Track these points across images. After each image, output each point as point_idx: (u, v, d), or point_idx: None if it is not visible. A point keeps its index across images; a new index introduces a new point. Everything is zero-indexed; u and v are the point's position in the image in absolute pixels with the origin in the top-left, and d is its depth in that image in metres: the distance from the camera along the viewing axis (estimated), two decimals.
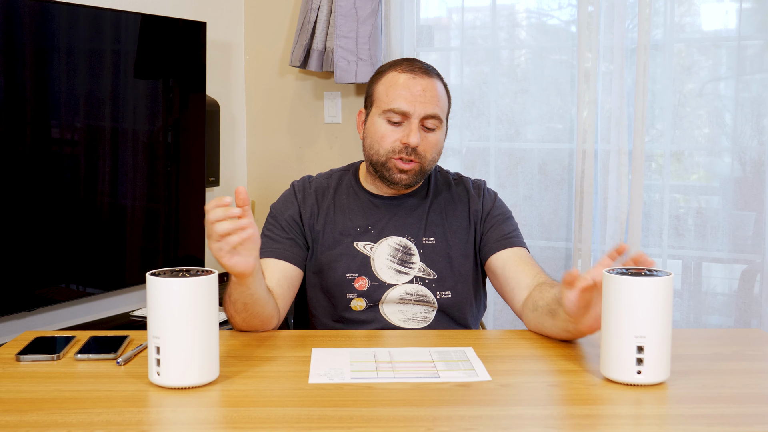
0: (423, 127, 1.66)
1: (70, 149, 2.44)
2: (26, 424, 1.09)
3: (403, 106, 1.64)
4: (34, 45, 2.29)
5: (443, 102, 1.70)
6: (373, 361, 1.36)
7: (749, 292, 2.58)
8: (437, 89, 1.68)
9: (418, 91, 1.65)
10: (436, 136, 1.69)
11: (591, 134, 2.68)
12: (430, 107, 1.65)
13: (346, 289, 1.68)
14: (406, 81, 1.66)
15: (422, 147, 1.66)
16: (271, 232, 1.72)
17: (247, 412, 1.13)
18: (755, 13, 2.55)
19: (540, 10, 2.92)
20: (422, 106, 1.64)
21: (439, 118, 1.67)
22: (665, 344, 1.24)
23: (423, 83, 1.66)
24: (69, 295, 2.52)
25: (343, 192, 1.77)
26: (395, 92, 1.66)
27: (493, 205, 1.78)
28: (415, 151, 1.65)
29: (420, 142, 1.65)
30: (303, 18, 2.97)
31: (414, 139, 1.63)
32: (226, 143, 3.19)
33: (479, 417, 1.13)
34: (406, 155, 1.65)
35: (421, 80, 1.66)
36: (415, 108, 1.64)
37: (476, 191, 1.79)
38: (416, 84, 1.66)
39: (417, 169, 1.67)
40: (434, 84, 1.68)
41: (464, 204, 1.77)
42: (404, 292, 1.67)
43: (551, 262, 2.84)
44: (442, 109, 1.69)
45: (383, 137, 1.67)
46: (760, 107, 2.53)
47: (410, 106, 1.64)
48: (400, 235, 1.71)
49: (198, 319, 1.21)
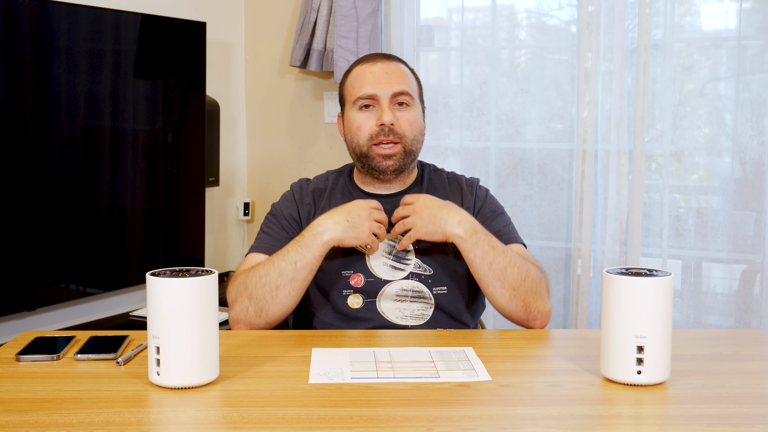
0: (396, 106, 1.71)
1: (70, 149, 2.45)
2: (26, 424, 1.09)
3: (369, 90, 1.70)
4: (34, 45, 2.29)
5: (410, 80, 1.75)
6: (373, 361, 1.36)
7: (749, 292, 2.58)
8: (401, 69, 1.74)
9: (382, 74, 1.71)
10: (412, 113, 1.72)
11: (591, 134, 2.68)
12: (396, 85, 1.70)
13: (342, 285, 1.69)
14: (369, 68, 1.73)
15: (399, 125, 1.70)
16: (270, 230, 1.75)
17: (247, 412, 1.14)
18: (755, 13, 2.55)
19: (540, 10, 2.92)
20: (388, 84, 1.70)
21: (408, 93, 1.71)
22: (665, 344, 1.24)
23: (384, 66, 1.72)
24: (69, 295, 2.52)
25: (339, 192, 1.79)
26: (361, 81, 1.72)
27: (484, 203, 1.79)
28: (393, 131, 1.69)
29: (395, 120, 1.69)
30: (303, 18, 2.98)
31: (387, 118, 1.68)
32: (226, 143, 3.19)
33: (479, 417, 1.13)
34: (384, 137, 1.69)
35: (383, 64, 1.73)
36: (382, 89, 1.70)
37: (469, 189, 1.81)
38: (378, 69, 1.72)
39: (401, 151, 1.70)
40: (397, 65, 1.74)
41: (458, 202, 1.78)
42: (400, 288, 1.68)
43: (551, 262, 2.84)
44: (410, 87, 1.73)
45: (360, 127, 1.71)
46: (760, 107, 2.53)
47: (376, 88, 1.70)
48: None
49: (198, 319, 1.21)
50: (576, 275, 2.73)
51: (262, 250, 1.70)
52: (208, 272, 1.23)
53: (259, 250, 1.71)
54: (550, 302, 1.65)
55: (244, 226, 3.35)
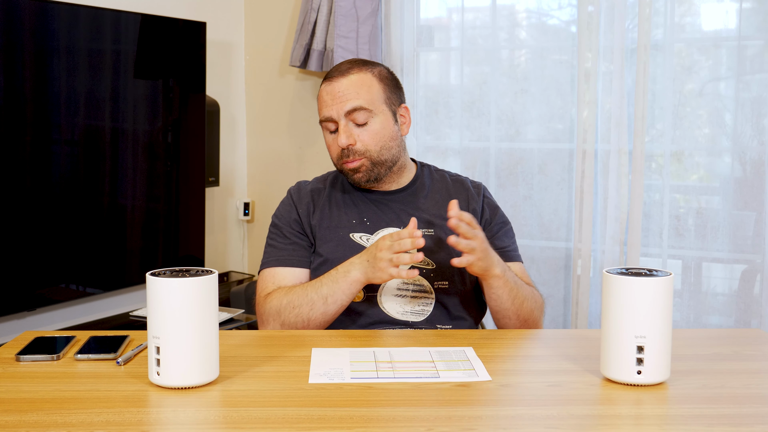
0: (356, 123, 1.72)
1: (70, 149, 2.45)
2: (26, 424, 1.09)
3: (326, 113, 1.72)
4: (34, 45, 2.29)
5: (368, 91, 1.72)
6: (373, 361, 1.36)
7: (749, 292, 2.58)
8: (357, 82, 1.72)
9: (336, 94, 1.71)
10: (373, 126, 1.72)
11: (591, 134, 2.68)
12: (348, 103, 1.70)
13: None
14: (326, 89, 1.73)
15: (359, 142, 1.71)
16: (275, 241, 1.77)
17: (247, 412, 1.14)
18: (755, 13, 2.55)
19: (540, 10, 2.92)
20: (340, 105, 1.70)
21: (363, 108, 1.71)
22: (665, 344, 1.24)
23: (339, 84, 1.72)
24: (69, 295, 2.52)
25: (338, 190, 1.81)
26: (321, 103, 1.74)
27: (495, 213, 1.82)
28: (352, 150, 1.71)
29: (351, 140, 1.70)
30: (303, 18, 2.98)
31: (342, 140, 1.70)
32: (226, 143, 3.19)
33: (479, 417, 1.13)
34: (346, 158, 1.72)
35: (337, 83, 1.72)
36: (336, 111, 1.71)
37: (476, 190, 1.82)
38: (333, 88, 1.72)
39: (367, 164, 1.72)
40: (352, 79, 1.72)
41: (463, 200, 1.79)
42: (401, 282, 1.69)
43: (551, 262, 2.84)
44: (367, 99, 1.71)
45: (329, 147, 1.76)
46: (760, 107, 2.53)
47: (330, 110, 1.71)
48: (396, 226, 1.74)
49: (198, 319, 1.21)
50: (576, 275, 2.73)
51: (272, 264, 1.73)
52: (208, 272, 1.23)
53: (269, 264, 1.73)
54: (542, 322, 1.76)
55: (244, 226, 3.35)
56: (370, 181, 1.74)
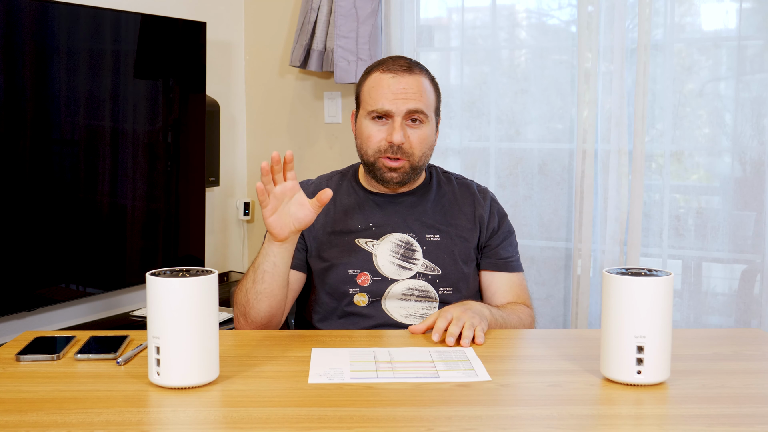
0: (409, 123, 1.69)
1: (70, 149, 2.44)
2: (26, 424, 1.09)
3: (385, 106, 1.68)
4: (34, 45, 2.29)
5: (427, 96, 1.72)
6: (373, 361, 1.36)
7: (749, 292, 2.58)
8: (421, 84, 1.71)
9: (400, 90, 1.68)
10: (423, 131, 1.71)
11: (591, 134, 2.68)
12: (412, 103, 1.68)
13: (348, 285, 1.70)
14: (388, 81, 1.69)
15: (408, 144, 1.69)
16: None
17: (247, 412, 1.14)
18: (755, 13, 2.55)
19: (540, 10, 2.92)
20: (404, 103, 1.68)
21: (423, 112, 1.70)
22: (665, 344, 1.24)
23: (404, 81, 1.69)
24: (69, 295, 2.52)
25: (344, 192, 1.79)
26: (378, 93, 1.69)
27: (502, 222, 1.83)
28: (401, 149, 1.68)
29: (405, 139, 1.68)
30: (303, 18, 2.98)
31: (397, 137, 1.66)
32: (226, 143, 3.19)
33: (479, 417, 1.13)
34: (392, 153, 1.68)
35: (402, 78, 1.69)
36: (397, 106, 1.67)
37: (482, 195, 1.83)
38: (397, 83, 1.69)
39: (407, 167, 1.70)
40: (417, 80, 1.71)
41: (469, 205, 1.79)
42: (407, 288, 1.69)
43: (551, 262, 2.84)
44: (426, 104, 1.71)
45: (369, 137, 1.70)
46: (760, 107, 2.53)
47: (392, 104, 1.68)
48: (402, 231, 1.73)
49: (198, 319, 1.21)
50: (576, 275, 2.73)
51: None
52: (208, 272, 1.23)
53: None
54: None
55: (244, 226, 3.35)
56: (401, 183, 1.73)
